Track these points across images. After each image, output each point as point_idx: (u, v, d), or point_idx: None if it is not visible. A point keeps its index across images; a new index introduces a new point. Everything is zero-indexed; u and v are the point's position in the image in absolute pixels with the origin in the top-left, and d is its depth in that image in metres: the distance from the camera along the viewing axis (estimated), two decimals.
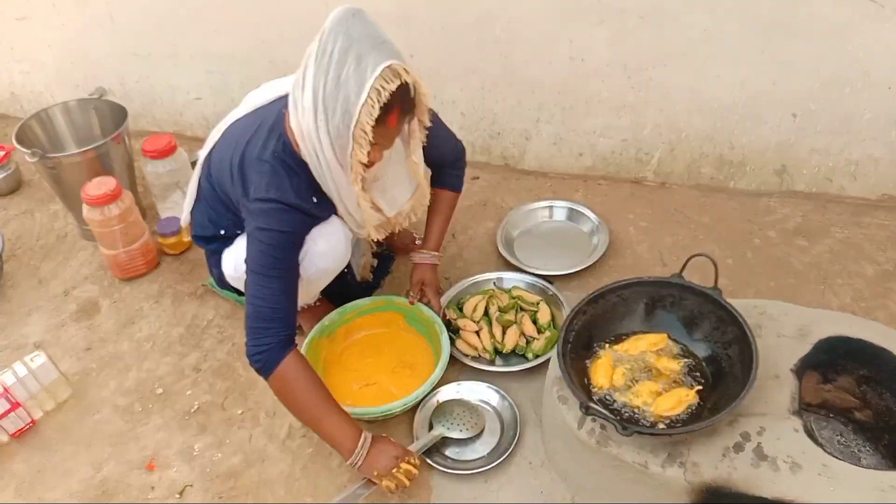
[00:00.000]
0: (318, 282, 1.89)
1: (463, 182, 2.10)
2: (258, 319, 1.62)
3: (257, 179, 1.64)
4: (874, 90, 2.20)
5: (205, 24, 2.65)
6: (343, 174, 1.64)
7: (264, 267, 1.62)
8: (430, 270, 2.09)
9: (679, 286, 1.72)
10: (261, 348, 1.61)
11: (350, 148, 1.54)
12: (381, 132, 1.54)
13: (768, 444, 1.51)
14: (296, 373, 1.64)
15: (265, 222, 1.62)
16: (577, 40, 2.32)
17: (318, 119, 1.52)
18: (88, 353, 2.19)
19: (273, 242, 1.62)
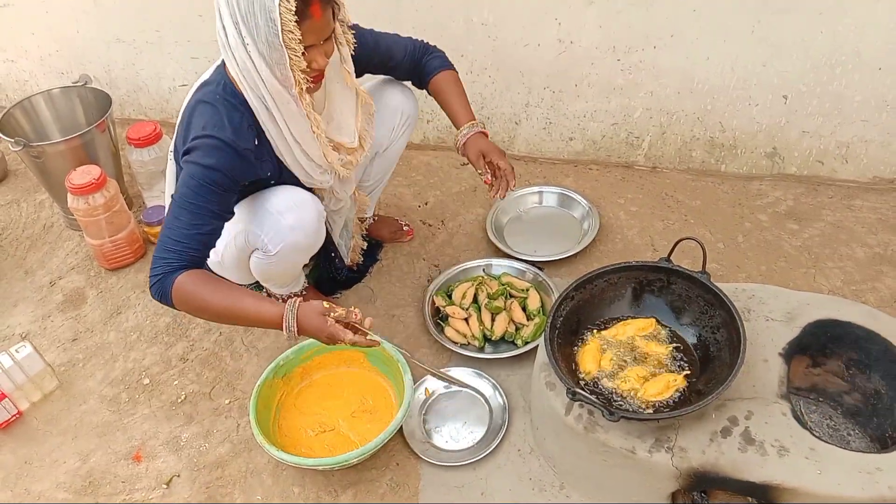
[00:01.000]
0: (290, 260, 1.83)
1: (449, 61, 2.01)
2: (159, 249, 1.55)
3: (198, 121, 1.60)
4: (865, 71, 2.18)
5: (189, 9, 2.62)
6: (291, 101, 1.59)
7: (181, 198, 1.56)
8: (481, 139, 1.92)
9: (667, 270, 1.71)
10: (155, 277, 1.54)
11: (286, 58, 1.50)
12: (309, 28, 1.49)
13: (756, 428, 1.51)
14: (194, 281, 1.54)
15: (195, 157, 1.57)
16: (566, 22, 2.29)
17: (246, 42, 1.49)
18: (75, 343, 2.17)
19: (197, 176, 1.56)
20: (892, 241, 2.24)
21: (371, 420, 1.86)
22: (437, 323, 2.09)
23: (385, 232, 2.35)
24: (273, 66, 1.52)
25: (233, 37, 1.51)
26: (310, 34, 1.51)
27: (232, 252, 1.81)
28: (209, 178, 1.56)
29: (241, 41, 1.50)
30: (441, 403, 1.91)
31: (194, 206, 1.55)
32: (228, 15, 1.49)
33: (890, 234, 2.26)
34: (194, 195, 1.56)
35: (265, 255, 1.78)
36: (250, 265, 1.85)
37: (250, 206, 1.76)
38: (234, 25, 1.49)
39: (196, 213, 1.56)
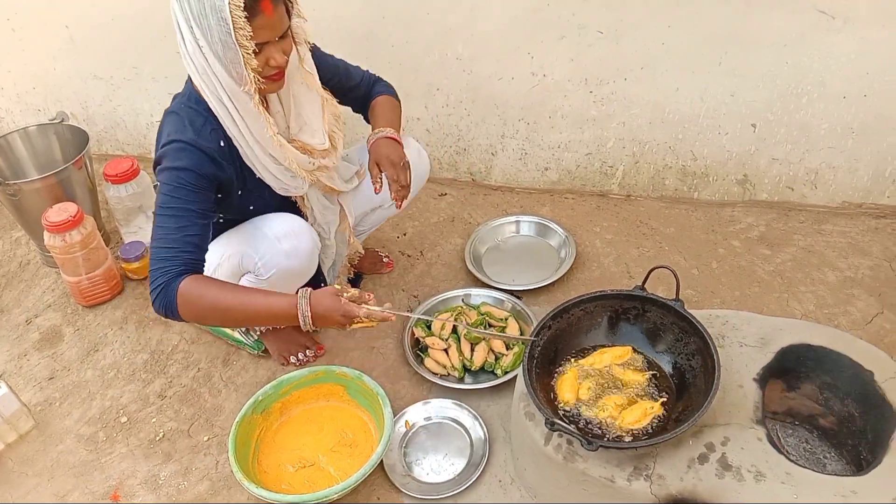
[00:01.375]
0: (280, 286, 1.82)
1: (396, 93, 2.02)
2: (153, 262, 1.56)
3: (164, 131, 1.64)
4: (830, 100, 2.24)
5: (166, 45, 2.63)
6: (248, 100, 1.59)
7: (161, 206, 1.58)
8: (384, 145, 1.84)
9: (641, 298, 1.73)
10: (157, 287, 1.53)
11: (240, 56, 1.51)
12: (261, 24, 1.50)
13: (733, 453, 1.52)
14: (197, 285, 1.54)
15: (164, 164, 1.60)
16: (539, 56, 2.34)
17: (201, 44, 1.51)
18: (51, 382, 2.15)
19: (171, 182, 1.58)
20: (862, 264, 2.28)
21: (351, 454, 1.85)
22: (417, 354, 2.09)
23: (365, 264, 2.36)
24: (228, 65, 1.53)
25: (189, 42, 1.53)
26: (262, 30, 1.51)
27: (223, 273, 1.82)
28: (181, 178, 1.58)
29: (196, 45, 1.52)
30: (421, 436, 1.91)
31: (175, 209, 1.57)
32: (183, 20, 1.51)
33: (860, 258, 2.31)
34: (172, 199, 1.57)
35: (257, 279, 1.79)
36: None
37: (246, 229, 1.78)
38: (190, 30, 1.51)
39: (179, 217, 1.57)
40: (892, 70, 2.14)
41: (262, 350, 2.14)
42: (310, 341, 2.13)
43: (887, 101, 2.19)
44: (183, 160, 1.59)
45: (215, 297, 1.55)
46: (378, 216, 2.18)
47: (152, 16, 2.57)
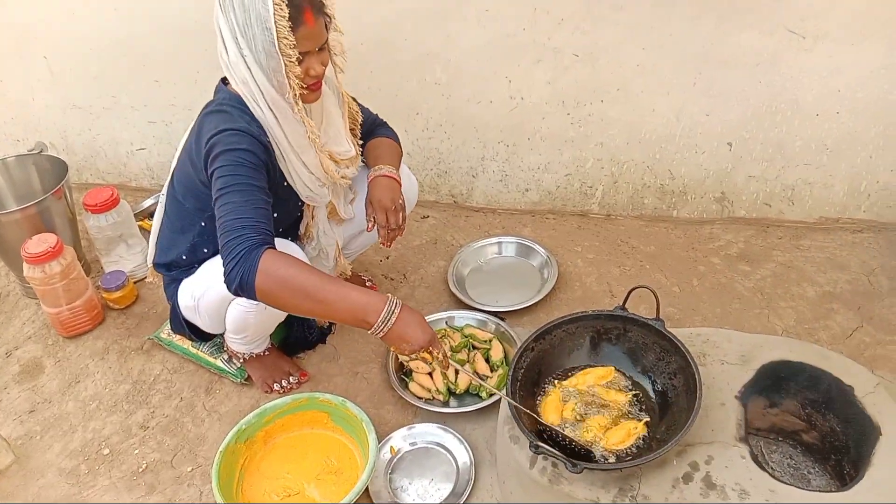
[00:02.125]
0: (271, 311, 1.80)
1: (398, 138, 2.06)
2: (228, 233, 1.52)
3: (208, 127, 1.64)
4: (803, 117, 2.28)
5: (145, 74, 2.64)
6: (287, 108, 1.65)
7: (225, 186, 1.57)
8: (382, 185, 1.89)
9: (622, 318, 1.74)
10: (236, 255, 1.49)
11: (282, 65, 1.56)
12: (303, 34, 1.56)
13: (717, 472, 1.52)
14: (280, 262, 1.49)
15: (219, 147, 1.60)
16: (516, 80, 2.37)
17: (244, 52, 1.57)
18: (32, 415, 2.12)
19: (230, 162, 1.58)
20: (840, 278, 2.31)
21: (337, 482, 1.84)
22: (402, 378, 2.09)
23: None
24: (270, 74, 1.59)
25: (233, 52, 1.59)
26: (304, 41, 1.58)
27: (212, 297, 1.82)
28: (240, 158, 1.59)
29: (240, 54, 1.58)
30: (407, 461, 1.90)
31: (241, 185, 1.57)
32: (228, 31, 1.57)
33: (838, 272, 2.33)
34: (235, 177, 1.57)
35: (248, 304, 1.79)
36: (228, 313, 1.87)
37: None
38: (234, 40, 1.56)
39: (245, 191, 1.57)
40: (862, 87, 2.19)
41: (245, 378, 2.13)
42: (293, 368, 2.12)
43: (859, 117, 2.24)
44: (240, 143, 1.60)
45: (298, 272, 1.49)
46: (366, 239, 2.19)
47: (131, 45, 2.58)
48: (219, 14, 1.59)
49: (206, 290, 1.84)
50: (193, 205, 1.81)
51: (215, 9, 1.59)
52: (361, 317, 1.49)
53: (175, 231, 1.90)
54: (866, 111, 2.22)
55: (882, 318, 2.17)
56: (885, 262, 2.35)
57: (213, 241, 1.82)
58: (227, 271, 1.50)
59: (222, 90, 1.72)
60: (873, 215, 2.44)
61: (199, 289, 1.86)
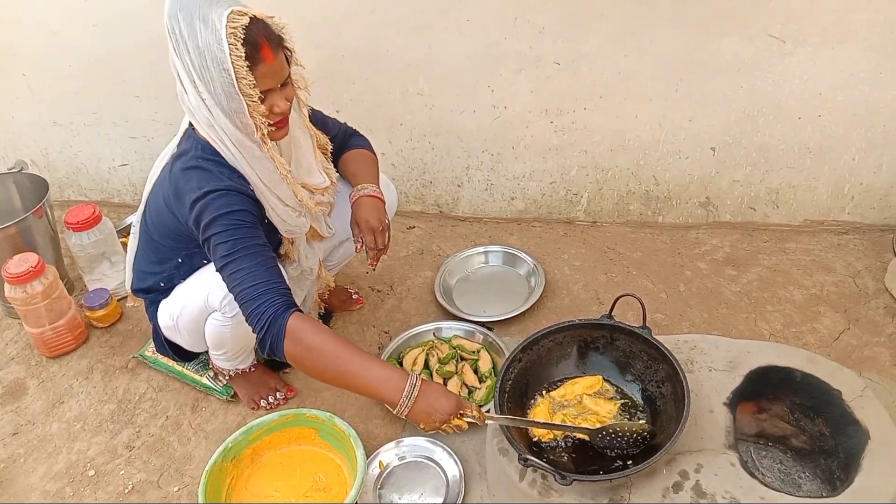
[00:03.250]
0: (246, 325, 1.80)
1: (372, 147, 2.04)
2: (248, 304, 1.53)
3: (189, 185, 1.61)
4: (786, 121, 2.28)
5: (126, 90, 2.63)
6: (254, 147, 1.61)
7: (228, 253, 1.55)
8: (367, 205, 1.88)
9: (609, 327, 1.74)
10: (262, 324, 1.50)
11: (244, 105, 1.52)
12: (263, 72, 1.52)
13: (706, 480, 1.52)
14: (307, 329, 1.50)
15: (211, 213, 1.57)
16: (499, 89, 2.37)
17: (204, 97, 1.52)
18: (15, 437, 2.09)
19: (227, 227, 1.57)
20: (826, 281, 2.32)
21: (325, 499, 1.82)
22: None
23: (335, 301, 2.35)
24: (233, 115, 1.54)
25: (192, 95, 1.54)
26: (265, 79, 1.53)
27: (189, 313, 1.81)
28: (236, 220, 1.58)
29: (199, 98, 1.53)
30: (396, 476, 1.88)
31: (246, 248, 1.56)
32: (185, 74, 1.52)
33: (824, 275, 2.34)
34: (237, 241, 1.56)
35: (222, 317, 1.77)
36: (206, 328, 1.85)
37: (211, 268, 1.75)
38: (192, 84, 1.51)
39: (254, 254, 1.56)
40: (842, 90, 2.20)
41: (232, 395, 2.11)
42: (280, 384, 2.10)
43: (840, 120, 2.25)
44: (231, 204, 1.58)
45: (324, 342, 1.51)
46: (346, 250, 2.18)
47: (110, 61, 2.56)
48: (174, 57, 1.52)
49: (183, 308, 1.82)
50: (171, 244, 1.80)
51: (170, 52, 1.52)
52: (384, 397, 1.51)
53: (151, 262, 1.88)
54: (848, 114, 2.23)
55: (868, 320, 2.17)
56: (870, 264, 2.36)
57: (189, 272, 1.83)
58: (259, 338, 1.53)
59: (191, 136, 1.67)
60: (857, 217, 2.45)
61: (176, 307, 1.84)
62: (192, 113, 1.59)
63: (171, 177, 1.68)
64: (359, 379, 1.51)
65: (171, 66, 1.54)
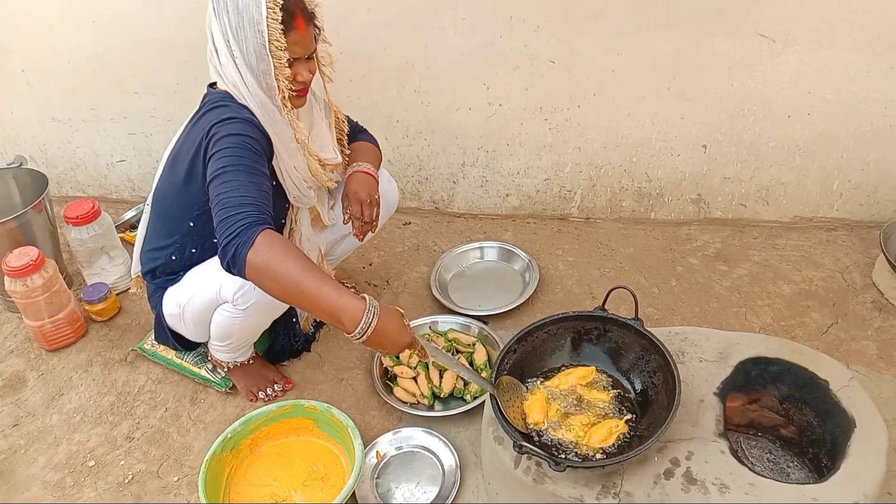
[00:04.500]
0: (256, 318, 1.88)
1: (377, 143, 2.11)
2: (227, 211, 1.50)
3: (209, 117, 1.67)
4: (775, 119, 2.33)
5: (123, 85, 2.65)
6: (275, 110, 1.69)
7: (228, 165, 1.57)
8: (359, 180, 1.94)
9: (602, 319, 1.77)
10: (231, 232, 1.47)
11: (272, 67, 1.62)
12: (294, 40, 1.63)
13: (697, 467, 1.55)
14: (277, 244, 1.46)
15: (222, 133, 1.62)
16: (494, 86, 2.40)
17: (235, 54, 1.62)
18: (15, 429, 2.11)
19: (235, 144, 1.60)
20: (815, 276, 2.36)
21: (324, 488, 1.85)
22: (386, 384, 2.10)
23: None
24: (259, 76, 1.64)
25: (224, 55, 1.64)
26: (294, 46, 1.64)
27: (198, 303, 1.85)
28: (245, 142, 1.62)
29: (231, 58, 1.63)
30: (393, 466, 1.91)
31: (245, 166, 1.58)
32: (220, 34, 1.63)
33: (813, 270, 2.38)
34: (239, 158, 1.59)
35: (234, 309, 1.81)
36: (213, 319, 1.88)
37: None
38: (226, 43, 1.62)
39: (249, 172, 1.58)
40: (831, 89, 2.24)
41: (230, 387, 2.13)
42: (277, 376, 2.13)
43: (829, 118, 2.29)
44: (244, 130, 1.64)
45: (290, 258, 1.46)
46: (348, 244, 2.22)
47: (109, 58, 2.59)
48: (212, 17, 1.64)
49: (192, 296, 1.85)
50: (181, 208, 1.83)
51: (208, 13, 1.64)
52: (340, 320, 1.46)
53: (162, 236, 1.91)
54: (836, 112, 2.28)
55: (856, 314, 2.22)
56: (858, 259, 2.40)
57: (201, 241, 1.86)
58: (222, 244, 1.48)
59: (213, 92, 1.75)
60: (846, 213, 2.49)
61: (184, 296, 1.87)
62: (220, 73, 1.69)
63: (189, 125, 1.77)
64: (319, 300, 1.46)
65: (207, 26, 1.67)
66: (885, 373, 2.03)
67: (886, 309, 2.22)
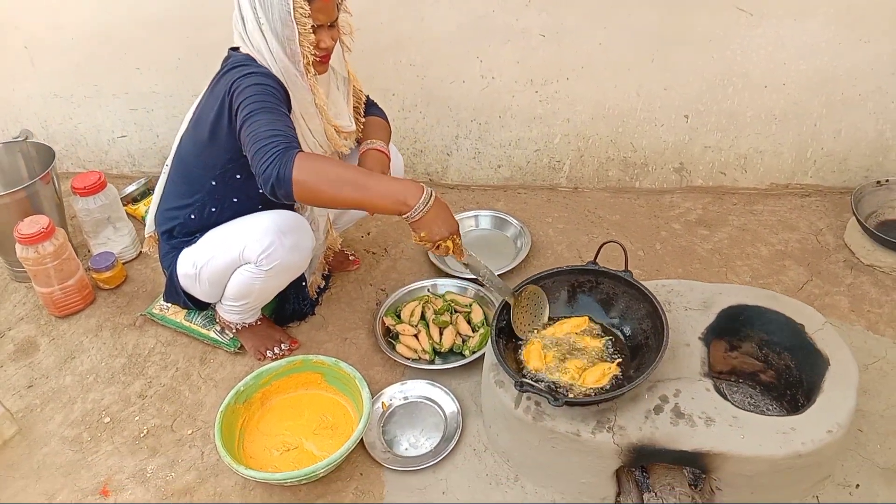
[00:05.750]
0: (278, 278, 1.97)
1: (387, 118, 2.21)
2: (257, 143, 1.59)
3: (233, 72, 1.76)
4: (753, 90, 2.46)
5: (126, 62, 2.72)
6: (297, 76, 1.79)
7: (253, 105, 1.67)
8: (372, 156, 2.03)
9: (594, 272, 1.89)
10: (268, 160, 1.56)
11: (296, 33, 1.72)
12: (318, 7, 1.74)
13: (684, 403, 1.68)
14: (315, 157, 1.65)
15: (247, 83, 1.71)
16: (487, 60, 2.51)
17: (260, 20, 1.72)
18: (30, 390, 2.19)
19: (257, 92, 1.69)
20: (791, 238, 2.50)
21: (332, 436, 1.95)
22: (389, 342, 2.21)
23: (334, 262, 2.47)
24: (284, 42, 1.74)
25: (250, 21, 1.74)
26: (318, 13, 1.74)
27: (218, 263, 1.93)
28: (269, 88, 1.72)
29: (257, 24, 1.72)
30: (398, 415, 2.02)
31: (271, 106, 1.68)
32: (247, 1, 1.73)
33: (789, 233, 2.52)
34: (263, 102, 1.68)
35: (257, 269, 1.89)
36: (232, 280, 1.97)
37: (247, 221, 1.90)
38: (252, 10, 1.72)
39: (274, 112, 1.68)
40: (804, 60, 2.37)
41: (238, 347, 2.22)
42: (284, 336, 2.23)
43: (803, 88, 2.43)
44: (266, 82, 1.73)
45: (335, 164, 1.63)
46: (354, 212, 2.31)
47: (111, 34, 2.65)
48: None
49: (211, 258, 1.93)
50: (204, 167, 1.91)
51: None
52: (402, 200, 1.59)
53: (182, 196, 1.98)
54: (810, 82, 2.41)
55: (829, 272, 2.36)
56: (831, 223, 2.55)
57: (220, 200, 1.94)
58: (261, 171, 1.57)
59: (234, 54, 1.84)
60: (819, 180, 2.63)
61: (202, 257, 1.95)
62: (245, 38, 1.78)
63: (211, 86, 1.86)
64: (379, 187, 1.60)
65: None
66: (857, 324, 2.17)
67: (857, 267, 2.37)
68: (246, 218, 1.93)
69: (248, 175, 1.86)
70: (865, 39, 2.31)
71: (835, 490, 1.73)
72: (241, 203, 1.95)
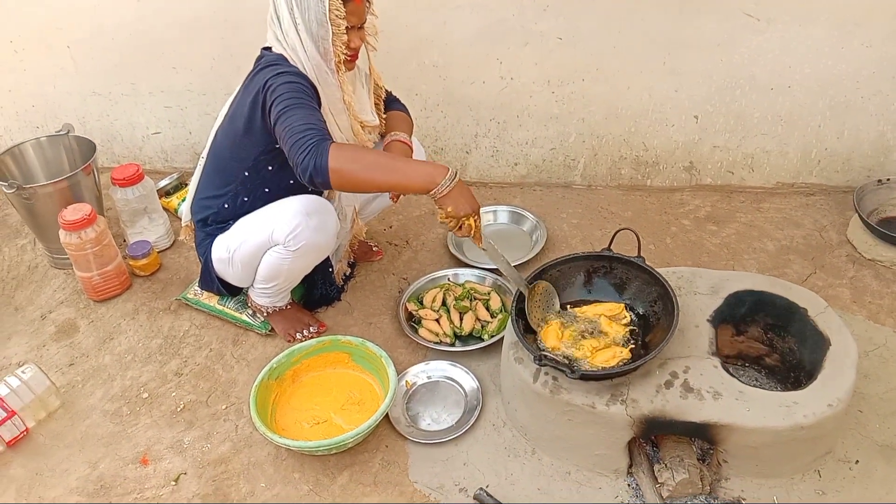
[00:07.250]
0: (305, 259, 2.08)
1: (409, 112, 2.33)
2: (293, 137, 1.74)
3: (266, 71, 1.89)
4: (760, 92, 2.57)
5: (162, 61, 2.85)
6: (328, 73, 1.92)
7: (288, 101, 1.80)
8: (397, 147, 2.16)
9: (609, 258, 2.01)
10: (305, 150, 1.72)
11: (330, 33, 1.85)
12: (351, 10, 1.87)
13: (693, 379, 1.79)
14: (347, 146, 1.83)
15: (280, 81, 1.84)
16: (506, 61, 2.63)
17: (297, 20, 1.85)
18: (72, 367, 2.31)
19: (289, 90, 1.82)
20: (796, 234, 2.61)
21: (360, 411, 2.06)
22: (412, 326, 2.32)
23: (358, 253, 2.59)
24: (318, 41, 1.87)
25: (286, 20, 1.86)
26: (351, 15, 1.88)
27: (250, 246, 2.05)
28: (300, 87, 1.85)
29: (293, 24, 1.85)
30: (421, 393, 2.13)
31: (303, 104, 1.82)
32: (284, 2, 1.85)
33: (794, 230, 2.63)
34: (296, 99, 1.82)
35: (285, 250, 2.01)
36: (263, 261, 2.08)
37: (275, 207, 2.02)
38: (289, 11, 1.85)
39: (307, 108, 1.82)
40: (809, 64, 2.49)
41: (269, 329, 2.34)
42: (312, 319, 2.35)
43: (807, 90, 2.54)
44: (298, 81, 1.86)
45: (367, 151, 1.86)
46: (379, 202, 2.44)
47: (150, 35, 2.79)
48: None
49: (243, 242, 2.06)
50: (238, 159, 2.04)
51: None
52: (430, 178, 1.75)
53: (217, 186, 2.12)
54: (814, 85, 2.53)
55: (832, 266, 2.46)
56: (834, 220, 2.65)
57: (253, 190, 2.07)
58: (299, 161, 1.73)
59: (267, 54, 1.96)
60: (823, 179, 2.74)
61: (234, 241, 2.08)
62: (279, 38, 1.90)
63: (245, 84, 1.99)
64: (409, 168, 1.81)
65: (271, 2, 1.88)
66: (858, 314, 2.28)
67: (859, 262, 2.47)
68: (275, 203, 2.05)
69: (279, 167, 2.00)
70: (867, 45, 2.42)
71: (835, 465, 1.84)
72: (271, 193, 2.07)
